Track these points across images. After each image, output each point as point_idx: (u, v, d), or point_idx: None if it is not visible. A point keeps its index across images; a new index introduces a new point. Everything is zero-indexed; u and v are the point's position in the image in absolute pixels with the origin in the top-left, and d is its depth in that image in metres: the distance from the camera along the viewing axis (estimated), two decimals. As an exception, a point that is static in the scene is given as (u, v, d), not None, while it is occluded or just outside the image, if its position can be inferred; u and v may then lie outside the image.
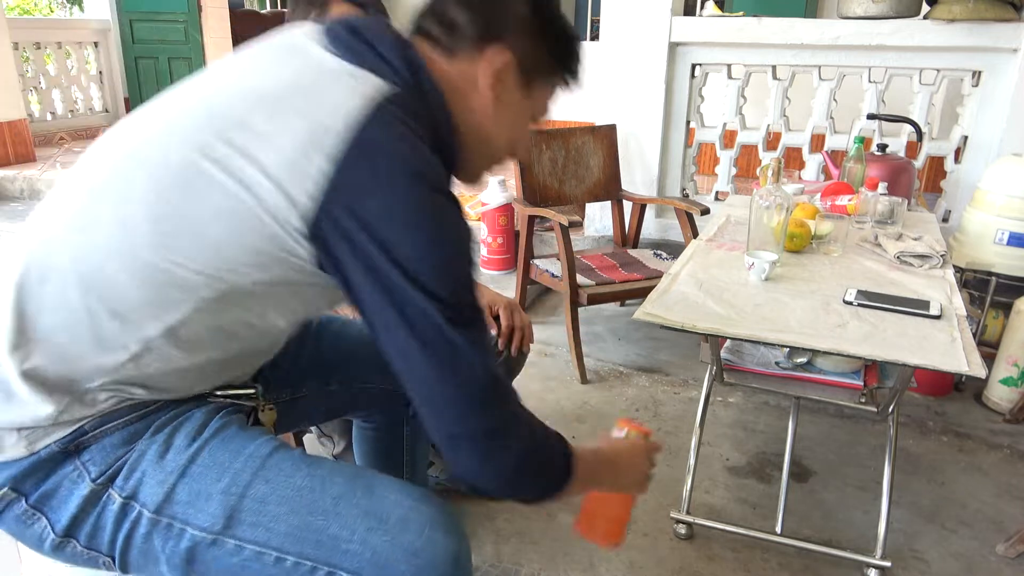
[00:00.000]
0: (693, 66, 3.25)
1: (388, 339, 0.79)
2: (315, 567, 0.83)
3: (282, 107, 0.79)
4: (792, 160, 4.74)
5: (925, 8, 2.84)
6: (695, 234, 2.61)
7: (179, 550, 0.84)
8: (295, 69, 0.83)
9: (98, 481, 0.84)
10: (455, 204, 0.82)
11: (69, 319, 0.82)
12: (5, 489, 0.84)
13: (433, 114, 0.86)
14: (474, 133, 0.91)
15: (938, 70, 2.91)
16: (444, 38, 0.89)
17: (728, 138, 3.36)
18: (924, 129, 2.93)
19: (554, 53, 0.93)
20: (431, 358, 0.78)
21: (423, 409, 0.82)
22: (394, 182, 0.77)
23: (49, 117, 5.74)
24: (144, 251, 0.80)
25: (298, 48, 0.86)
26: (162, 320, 0.82)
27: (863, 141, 2.33)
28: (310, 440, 1.91)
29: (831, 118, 3.14)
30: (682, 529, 1.73)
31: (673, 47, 3.20)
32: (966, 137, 2.95)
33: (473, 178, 0.97)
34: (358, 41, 0.84)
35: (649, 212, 3.33)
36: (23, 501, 0.84)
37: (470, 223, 0.83)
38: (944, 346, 1.34)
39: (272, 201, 0.77)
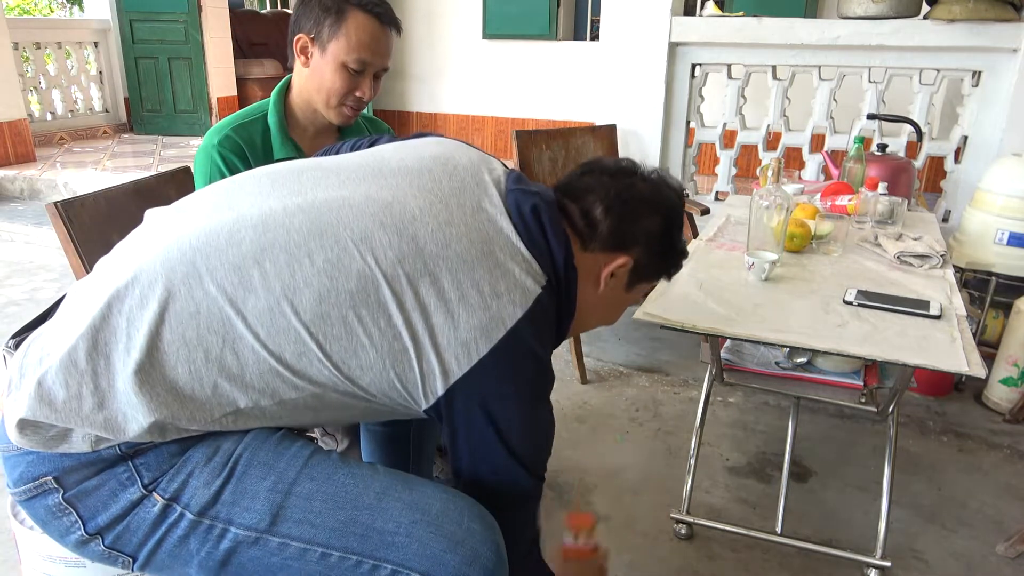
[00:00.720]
0: (693, 66, 3.25)
1: (471, 474, 0.92)
2: (360, 561, 0.84)
3: (468, 278, 0.86)
4: (792, 160, 4.73)
5: (925, 8, 2.84)
6: (695, 234, 2.61)
7: (217, 551, 0.85)
8: (483, 234, 0.90)
9: (149, 487, 0.85)
10: (551, 386, 0.95)
11: (195, 357, 0.82)
12: (49, 477, 0.84)
13: (566, 300, 0.97)
14: (579, 312, 1.01)
15: (938, 70, 2.91)
16: (583, 230, 0.99)
17: (728, 138, 3.36)
18: (924, 129, 2.93)
19: (665, 264, 1.07)
20: (502, 497, 0.92)
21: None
22: (520, 375, 0.88)
23: (49, 117, 5.75)
24: (296, 333, 0.83)
25: (485, 206, 0.93)
26: (278, 394, 0.85)
27: (863, 141, 2.33)
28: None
29: (831, 118, 3.14)
30: (682, 529, 1.73)
31: (673, 47, 3.20)
32: (966, 137, 2.95)
33: (564, 339, 1.05)
34: (538, 225, 0.93)
35: (649, 212, 3.32)
36: (59, 494, 0.84)
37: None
38: (944, 346, 1.34)
39: (429, 367, 0.85)
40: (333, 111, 1.44)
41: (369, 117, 1.65)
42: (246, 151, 1.44)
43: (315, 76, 1.43)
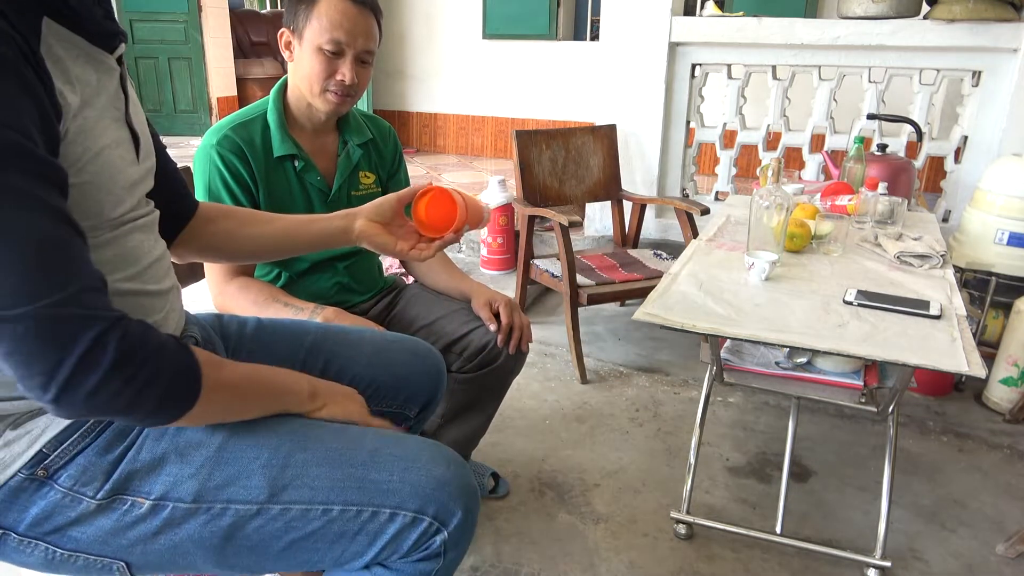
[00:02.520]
0: (693, 66, 3.25)
1: None
2: (360, 510, 0.88)
3: None
4: (792, 160, 4.74)
5: (925, 8, 2.84)
6: (695, 234, 2.61)
7: (219, 528, 0.86)
8: None
9: (100, 497, 0.84)
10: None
11: None
12: None
13: None
14: None
15: (938, 70, 2.91)
16: None
17: (728, 138, 3.36)
18: (924, 129, 2.93)
19: None
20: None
21: None
22: None
23: (49, 117, 5.74)
24: None
25: None
26: None
27: (863, 141, 2.33)
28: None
29: (831, 118, 3.14)
30: (682, 529, 1.73)
31: (673, 47, 3.20)
32: (966, 137, 2.95)
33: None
34: None
35: (649, 212, 3.33)
36: (12, 533, 0.83)
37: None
38: (944, 346, 1.34)
39: None
40: (319, 99, 1.43)
41: (370, 115, 1.65)
42: (245, 151, 1.44)
43: (298, 67, 1.42)
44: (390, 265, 3.02)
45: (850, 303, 1.52)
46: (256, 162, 1.44)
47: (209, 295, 1.47)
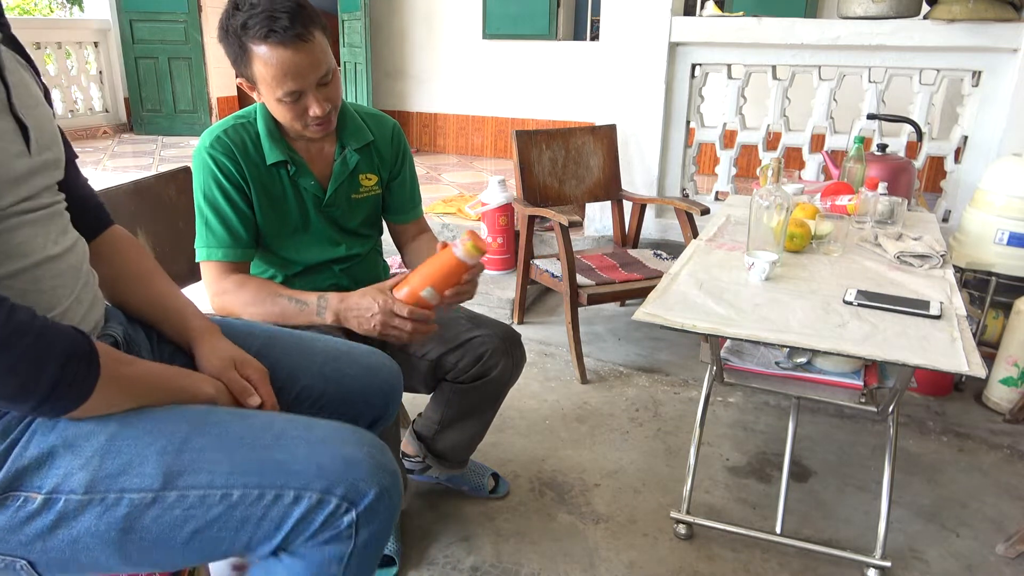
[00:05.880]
0: (693, 66, 3.25)
1: None
2: (262, 493, 0.84)
3: None
4: (792, 160, 4.73)
5: (925, 8, 2.84)
6: (695, 234, 2.61)
7: (115, 519, 0.83)
8: None
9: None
10: None
11: None
12: None
13: None
14: None
15: (938, 70, 2.91)
16: None
17: (728, 138, 3.36)
18: (924, 129, 2.93)
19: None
20: None
21: None
22: None
23: (49, 117, 5.74)
24: None
25: None
26: None
27: (863, 141, 2.33)
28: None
29: (831, 118, 3.14)
30: (682, 529, 1.73)
31: (673, 47, 3.20)
32: (966, 137, 2.95)
33: None
34: None
35: (649, 212, 3.33)
36: None
37: None
38: (944, 346, 1.34)
39: None
40: (304, 132, 1.41)
41: (374, 113, 1.61)
42: (236, 153, 1.42)
43: (270, 108, 1.40)
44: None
45: (850, 303, 1.51)
46: (248, 165, 1.43)
47: (207, 296, 1.46)
